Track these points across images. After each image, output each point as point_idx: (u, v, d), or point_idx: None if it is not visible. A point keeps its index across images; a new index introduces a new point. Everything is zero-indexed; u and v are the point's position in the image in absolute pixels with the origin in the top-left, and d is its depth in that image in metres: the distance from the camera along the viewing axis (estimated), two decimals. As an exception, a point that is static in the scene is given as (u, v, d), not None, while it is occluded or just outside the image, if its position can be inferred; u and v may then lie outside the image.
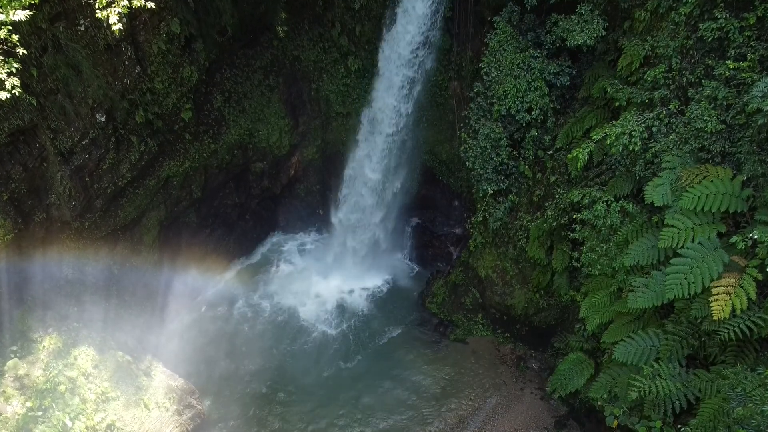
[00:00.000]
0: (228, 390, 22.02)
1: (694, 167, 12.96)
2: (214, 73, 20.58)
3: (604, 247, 15.31)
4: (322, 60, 22.94)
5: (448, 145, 23.42)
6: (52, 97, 15.16)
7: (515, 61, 17.37)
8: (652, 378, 12.61)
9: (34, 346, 18.52)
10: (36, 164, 15.99)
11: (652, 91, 14.43)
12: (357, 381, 22.26)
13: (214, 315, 25.00)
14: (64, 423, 17.87)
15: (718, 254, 11.99)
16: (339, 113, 24.21)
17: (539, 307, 21.09)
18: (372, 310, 25.25)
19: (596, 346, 18.12)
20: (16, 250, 17.48)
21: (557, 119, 18.40)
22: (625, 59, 15.67)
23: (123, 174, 18.59)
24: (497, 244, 21.47)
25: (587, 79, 17.60)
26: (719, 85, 12.64)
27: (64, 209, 17.42)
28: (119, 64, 16.01)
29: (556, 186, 18.50)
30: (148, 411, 19.56)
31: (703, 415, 11.72)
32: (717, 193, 12.26)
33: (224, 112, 21.68)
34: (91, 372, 18.96)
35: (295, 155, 25.01)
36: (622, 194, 15.46)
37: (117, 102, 16.69)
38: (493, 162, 19.14)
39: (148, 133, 18.63)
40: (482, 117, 18.96)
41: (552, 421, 20.13)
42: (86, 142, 16.49)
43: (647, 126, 13.99)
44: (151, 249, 21.89)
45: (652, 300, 13.20)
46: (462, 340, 23.21)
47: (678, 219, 12.65)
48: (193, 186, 22.05)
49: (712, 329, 12.11)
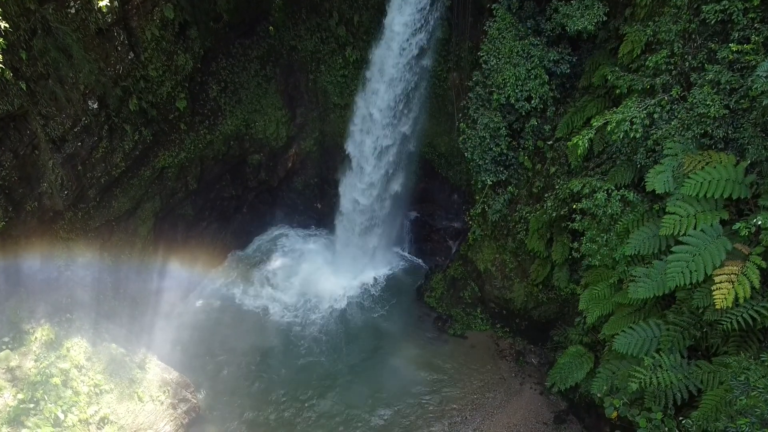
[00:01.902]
0: (223, 384, 21.80)
1: (697, 154, 12.66)
2: (210, 62, 20.31)
3: (604, 237, 15.03)
4: (320, 50, 22.66)
5: (447, 138, 23.13)
6: (43, 81, 14.88)
7: (515, 49, 17.10)
8: (652, 369, 12.32)
9: (26, 338, 18.28)
10: (27, 151, 15.73)
11: (654, 78, 14.15)
12: (354, 375, 22.01)
13: (209, 308, 24.76)
14: (57, 416, 17.62)
15: (720, 242, 11.68)
16: (337, 105, 23.93)
17: (539, 300, 20.82)
18: (370, 304, 24.98)
19: (596, 339, 17.86)
20: (7, 240, 17.25)
21: (557, 109, 18.13)
22: (627, 46, 15.39)
23: (116, 163, 18.34)
24: (496, 236, 21.20)
25: (588, 67, 17.33)
26: (722, 69, 12.35)
27: (56, 198, 17.17)
28: (111, 50, 15.75)
29: (556, 177, 18.22)
30: (142, 404, 19.31)
31: (705, 406, 11.45)
32: (720, 179, 11.96)
33: (220, 102, 21.42)
34: (84, 364, 18.71)
35: (293, 147, 24.75)
36: (622, 183, 15.19)
37: (110, 89, 16.42)
38: (492, 152, 18.87)
39: (142, 122, 18.38)
40: (481, 106, 18.69)
41: (551, 416, 19.86)
42: (78, 129, 16.22)
43: (649, 113, 13.71)
44: (146, 241, 21.64)
45: (653, 290, 12.88)
46: (461, 335, 22.95)
47: (680, 206, 12.36)
48: (189, 177, 21.79)
49: (715, 319, 11.82)
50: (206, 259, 25.22)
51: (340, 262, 26.24)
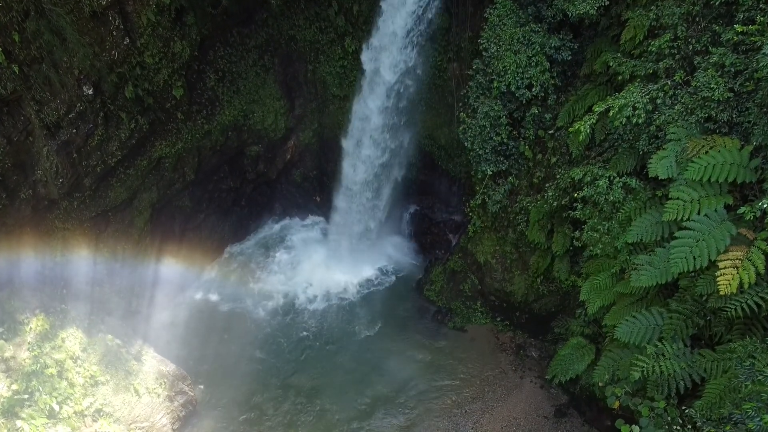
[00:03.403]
0: (221, 377, 21.59)
1: (701, 138, 12.41)
2: (207, 51, 20.08)
3: (606, 225, 14.78)
4: (319, 40, 22.43)
5: (447, 130, 22.90)
6: (36, 65, 14.67)
7: (515, 36, 16.86)
8: (655, 358, 12.12)
9: (21, 328, 18.09)
10: (21, 138, 15.52)
11: (657, 62, 13.90)
12: (353, 369, 21.80)
13: (207, 302, 24.55)
14: (52, 407, 17.42)
15: (725, 226, 11.44)
16: (336, 96, 23.69)
17: (539, 293, 20.59)
18: (370, 298, 24.77)
19: (597, 330, 17.64)
20: (1, 229, 17.05)
21: (558, 97, 17.88)
22: (629, 32, 15.13)
23: (112, 152, 18.11)
24: (496, 228, 20.96)
25: (589, 55, 17.07)
26: (727, 52, 12.10)
27: (51, 186, 16.97)
28: (106, 34, 15.53)
29: (557, 167, 17.98)
30: (139, 396, 19.10)
31: (709, 395, 11.24)
32: (724, 163, 11.70)
33: (218, 91, 21.19)
34: (80, 355, 18.53)
35: (292, 139, 24.53)
36: (625, 171, 14.95)
37: (105, 75, 16.19)
38: (493, 142, 18.63)
39: (138, 110, 18.14)
40: (481, 95, 18.45)
41: (552, 409, 19.63)
42: (73, 115, 16.00)
43: (652, 98, 13.45)
44: (142, 232, 21.43)
45: (656, 277, 12.65)
46: (460, 328, 22.72)
47: (683, 191, 12.11)
48: (187, 168, 21.57)
49: (719, 306, 11.58)
50: (204, 252, 25.00)
51: (339, 256, 26.01)
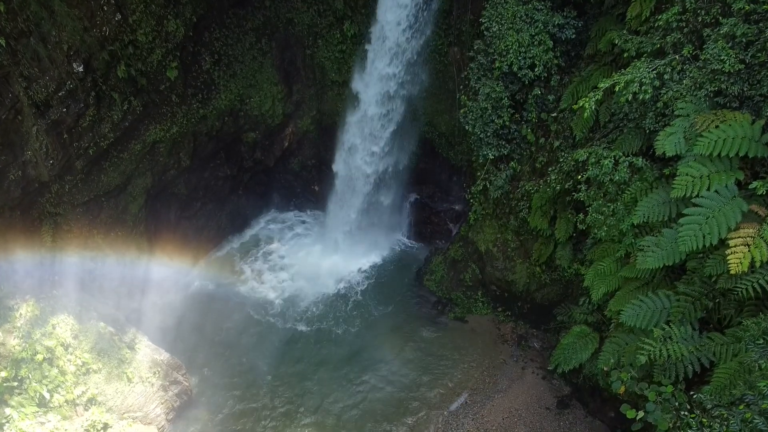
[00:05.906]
0: (216, 368, 21.22)
1: (710, 113, 11.94)
2: (203, 32, 19.64)
3: (611, 207, 14.31)
4: (317, 24, 22.00)
5: (448, 116, 22.44)
6: (24, 39, 14.23)
7: (518, 14, 16.41)
8: (662, 341, 11.62)
9: (11, 314, 17.64)
10: (9, 116, 15.10)
11: (664, 37, 13.42)
12: (350, 359, 21.39)
13: (203, 291, 24.17)
14: (42, 395, 17.02)
15: (735, 203, 10.96)
16: (335, 82, 23.25)
17: (541, 282, 20.12)
18: (368, 288, 24.33)
19: (601, 318, 17.14)
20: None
21: (562, 78, 17.41)
22: (635, 8, 14.65)
23: (105, 134, 17.69)
24: (498, 215, 20.50)
25: (594, 34, 16.60)
26: (738, 22, 11.62)
27: (41, 168, 16.56)
28: (97, 9, 15.09)
29: (560, 151, 17.50)
30: (132, 385, 18.70)
31: (718, 380, 10.74)
32: (735, 137, 11.21)
33: (214, 75, 20.75)
34: (71, 342, 18.09)
35: (289, 126, 24.09)
36: (630, 151, 14.43)
37: (96, 51, 15.77)
38: (494, 125, 18.16)
39: (131, 91, 17.72)
40: (483, 76, 17.99)
41: (554, 400, 19.19)
42: (63, 93, 15.57)
43: (659, 73, 12.98)
44: (137, 219, 21.01)
45: (663, 259, 12.16)
46: (461, 319, 22.29)
47: (692, 166, 11.62)
48: (182, 153, 21.14)
49: (728, 287, 11.10)
50: (200, 241, 24.58)
51: (337, 246, 25.60)
